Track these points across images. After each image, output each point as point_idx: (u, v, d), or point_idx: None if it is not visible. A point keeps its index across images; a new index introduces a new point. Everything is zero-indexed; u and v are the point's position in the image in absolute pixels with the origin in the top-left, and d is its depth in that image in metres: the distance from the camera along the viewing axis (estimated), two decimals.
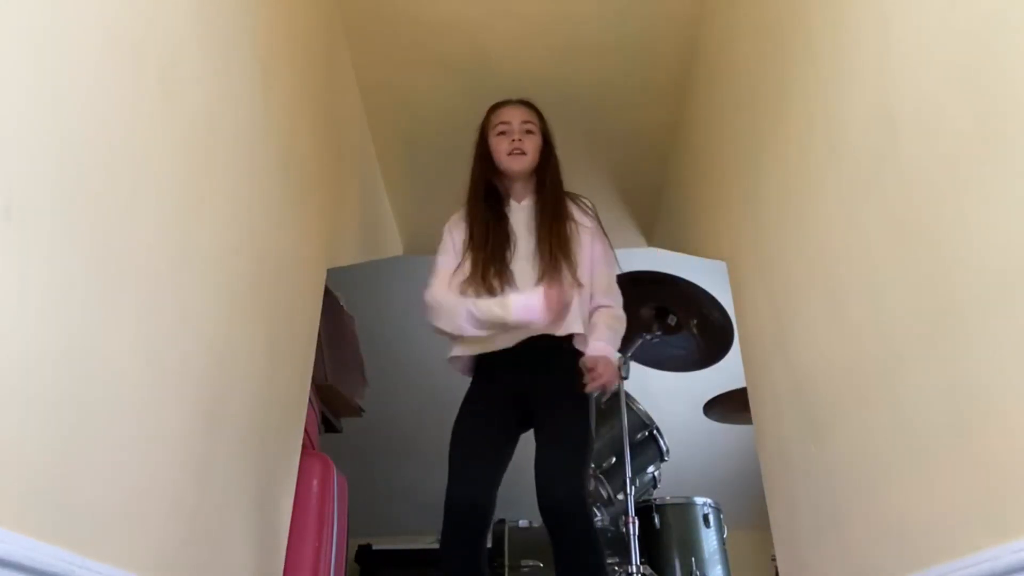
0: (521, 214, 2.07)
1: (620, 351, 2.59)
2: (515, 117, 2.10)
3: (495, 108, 2.16)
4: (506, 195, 2.10)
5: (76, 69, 0.93)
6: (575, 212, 2.07)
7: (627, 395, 2.65)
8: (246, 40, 1.53)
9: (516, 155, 2.06)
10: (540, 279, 1.92)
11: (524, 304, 1.86)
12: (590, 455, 1.88)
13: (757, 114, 1.95)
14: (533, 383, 1.89)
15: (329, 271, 2.19)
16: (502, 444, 1.88)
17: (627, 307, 2.09)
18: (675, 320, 2.70)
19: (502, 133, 2.09)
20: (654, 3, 2.34)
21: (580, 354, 1.92)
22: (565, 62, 2.51)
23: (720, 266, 2.33)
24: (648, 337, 2.68)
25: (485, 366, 1.99)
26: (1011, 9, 0.94)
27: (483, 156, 2.11)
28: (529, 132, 2.09)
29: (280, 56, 1.76)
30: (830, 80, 1.49)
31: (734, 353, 2.41)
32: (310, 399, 2.05)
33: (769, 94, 1.85)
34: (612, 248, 2.11)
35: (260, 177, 1.60)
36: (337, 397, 2.48)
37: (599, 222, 2.11)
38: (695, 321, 2.71)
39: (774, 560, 2.02)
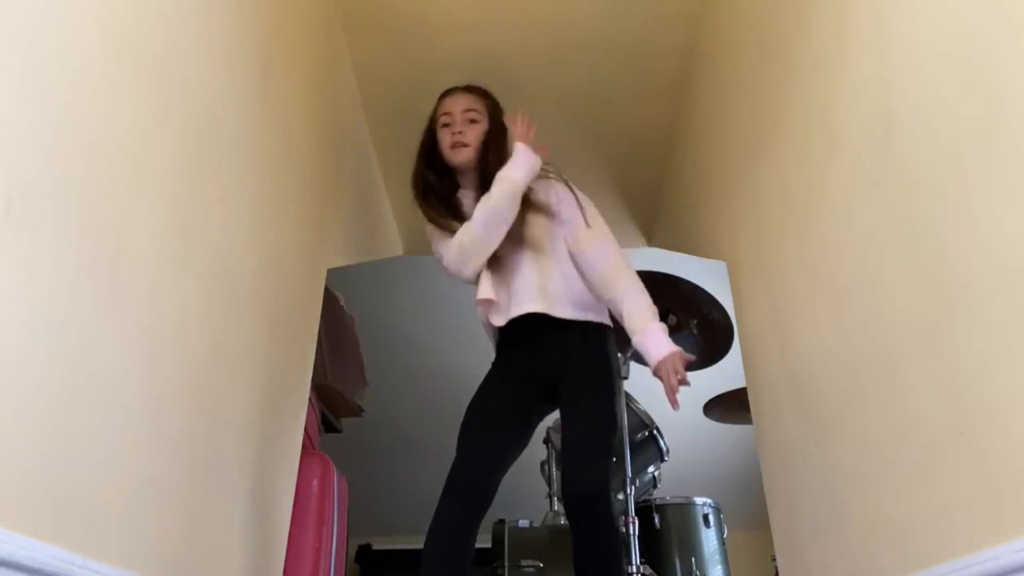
0: (469, 201, 1.94)
1: (620, 351, 2.59)
2: (456, 107, 1.99)
3: (441, 98, 2.05)
4: (456, 184, 2.01)
5: (75, 67, 0.93)
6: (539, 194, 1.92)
7: (627, 395, 2.65)
8: (245, 39, 1.53)
9: (458, 148, 1.95)
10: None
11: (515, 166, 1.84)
12: (614, 437, 1.78)
13: (757, 113, 1.95)
14: (556, 360, 1.81)
15: (329, 271, 2.18)
16: (516, 424, 1.81)
17: None
18: (675, 320, 2.69)
19: (445, 125, 1.99)
20: (654, 3, 2.34)
21: (604, 328, 1.86)
22: (565, 62, 2.50)
23: (720, 266, 2.33)
24: None
25: (508, 339, 1.90)
26: (1011, 8, 0.94)
27: (427, 149, 2.02)
28: (472, 121, 1.97)
29: (279, 54, 1.76)
30: (830, 79, 1.49)
31: (734, 353, 2.41)
32: (310, 399, 2.05)
33: (769, 93, 1.85)
34: (581, 202, 1.94)
35: (259, 176, 1.60)
36: (337, 397, 2.48)
37: (562, 191, 1.95)
38: (695, 321, 2.71)
39: (774, 560, 2.02)
